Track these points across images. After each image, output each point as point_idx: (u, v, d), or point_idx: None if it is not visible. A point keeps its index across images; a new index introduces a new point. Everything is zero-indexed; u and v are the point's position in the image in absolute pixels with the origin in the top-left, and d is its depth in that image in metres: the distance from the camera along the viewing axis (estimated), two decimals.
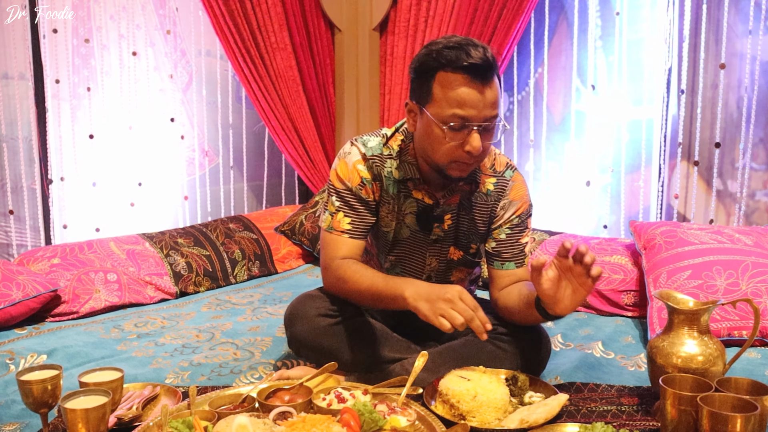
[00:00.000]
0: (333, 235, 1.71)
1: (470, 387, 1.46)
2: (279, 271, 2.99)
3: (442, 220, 1.73)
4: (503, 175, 1.74)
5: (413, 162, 1.70)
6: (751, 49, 2.53)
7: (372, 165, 1.70)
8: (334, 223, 1.71)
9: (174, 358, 1.94)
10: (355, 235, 1.70)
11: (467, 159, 1.57)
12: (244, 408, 1.43)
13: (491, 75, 1.53)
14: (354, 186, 1.70)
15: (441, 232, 1.74)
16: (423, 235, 1.75)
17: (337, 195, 1.72)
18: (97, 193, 3.03)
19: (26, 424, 1.51)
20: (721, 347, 1.50)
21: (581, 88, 2.95)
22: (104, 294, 2.40)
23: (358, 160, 1.71)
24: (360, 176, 1.70)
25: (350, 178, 1.70)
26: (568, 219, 3.01)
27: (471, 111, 1.52)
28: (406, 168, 1.70)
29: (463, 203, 1.73)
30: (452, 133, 1.54)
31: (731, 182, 2.64)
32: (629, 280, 2.32)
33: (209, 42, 3.28)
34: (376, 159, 1.71)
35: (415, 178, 1.70)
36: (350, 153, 1.72)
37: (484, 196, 1.74)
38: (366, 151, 1.71)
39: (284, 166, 3.61)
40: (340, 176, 1.72)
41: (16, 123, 2.80)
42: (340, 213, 1.71)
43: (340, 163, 1.73)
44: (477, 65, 1.50)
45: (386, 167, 1.71)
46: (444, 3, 3.06)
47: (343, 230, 1.70)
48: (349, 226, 1.70)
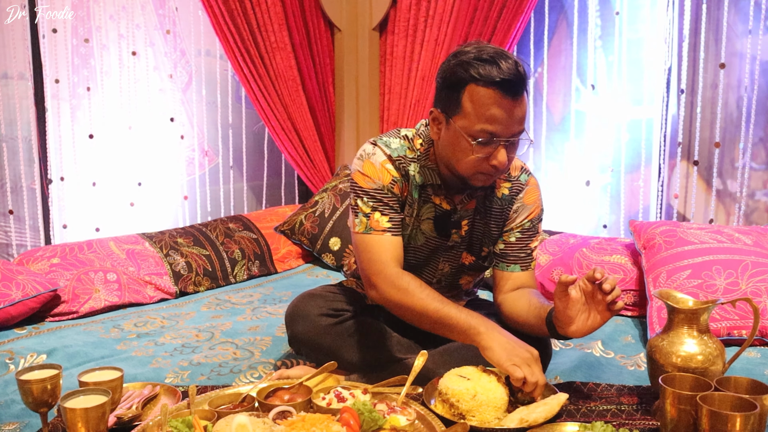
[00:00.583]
0: (374, 236, 1.62)
1: (470, 386, 1.46)
2: (279, 270, 2.99)
3: (460, 226, 1.71)
4: (518, 179, 1.74)
5: (434, 167, 1.67)
6: (751, 49, 2.53)
7: (399, 165, 1.66)
8: (372, 223, 1.62)
9: (174, 358, 1.94)
10: (396, 232, 1.64)
11: (492, 171, 1.56)
12: (244, 407, 1.43)
13: (522, 90, 1.51)
14: (386, 183, 1.64)
15: (458, 237, 1.73)
16: (440, 241, 1.72)
17: (368, 195, 1.64)
18: (96, 193, 3.03)
19: (26, 423, 1.51)
20: (720, 346, 1.50)
21: (581, 87, 2.95)
22: (104, 294, 2.40)
23: (384, 160, 1.65)
24: (390, 175, 1.64)
25: (381, 177, 1.64)
26: (568, 218, 3.01)
27: (499, 127, 1.50)
28: (426, 173, 1.67)
29: (479, 208, 1.72)
30: (479, 147, 1.52)
31: (731, 182, 2.64)
32: (629, 279, 2.32)
33: (209, 42, 3.28)
34: (402, 160, 1.66)
35: (435, 184, 1.67)
36: (375, 154, 1.66)
37: (499, 200, 1.73)
38: (391, 152, 1.66)
39: (284, 165, 3.61)
40: (368, 175, 1.64)
41: (15, 123, 2.80)
42: (376, 212, 1.63)
43: (365, 164, 1.66)
44: (509, 81, 1.48)
45: (410, 170, 1.67)
46: (444, 3, 3.06)
47: (384, 229, 1.62)
48: (389, 224, 1.63)
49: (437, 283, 1.79)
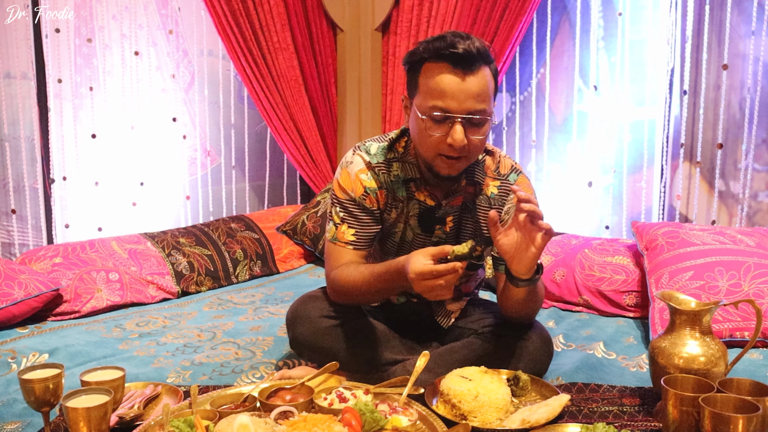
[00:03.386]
0: (337, 246, 1.70)
1: (472, 387, 1.46)
2: (281, 270, 2.99)
3: (444, 222, 1.72)
4: (507, 179, 1.73)
5: (414, 162, 1.68)
6: (754, 50, 2.52)
7: (378, 172, 1.68)
8: (339, 234, 1.70)
9: (175, 358, 1.94)
10: (360, 246, 1.69)
11: (452, 153, 1.53)
12: (246, 407, 1.43)
13: (475, 65, 1.49)
14: (357, 196, 1.68)
15: (443, 234, 1.73)
16: (425, 236, 1.74)
17: (340, 206, 1.70)
18: (99, 193, 3.03)
19: (28, 422, 1.51)
20: (723, 348, 1.50)
21: (583, 88, 2.95)
22: (106, 293, 2.40)
23: (361, 170, 1.68)
24: (363, 186, 1.68)
25: (353, 189, 1.68)
26: (570, 219, 3.00)
27: (452, 102, 1.49)
28: (407, 168, 1.69)
29: (467, 205, 1.72)
30: (434, 125, 1.52)
31: (733, 183, 2.63)
32: (631, 280, 2.31)
33: (211, 42, 3.28)
34: (381, 166, 1.68)
35: (415, 178, 1.68)
36: (353, 162, 1.70)
37: (488, 199, 1.72)
38: (370, 159, 1.69)
39: (286, 166, 3.61)
40: (343, 187, 1.70)
41: (18, 122, 2.80)
42: (344, 224, 1.69)
43: (342, 172, 1.71)
44: (458, 54, 1.47)
45: (392, 171, 1.69)
46: (446, 3, 3.06)
47: (347, 242, 1.69)
48: (353, 237, 1.69)
49: None
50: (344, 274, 1.66)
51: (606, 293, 2.33)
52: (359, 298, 1.69)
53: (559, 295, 2.42)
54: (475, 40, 1.51)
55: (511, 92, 3.15)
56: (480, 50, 1.50)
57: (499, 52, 2.91)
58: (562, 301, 2.42)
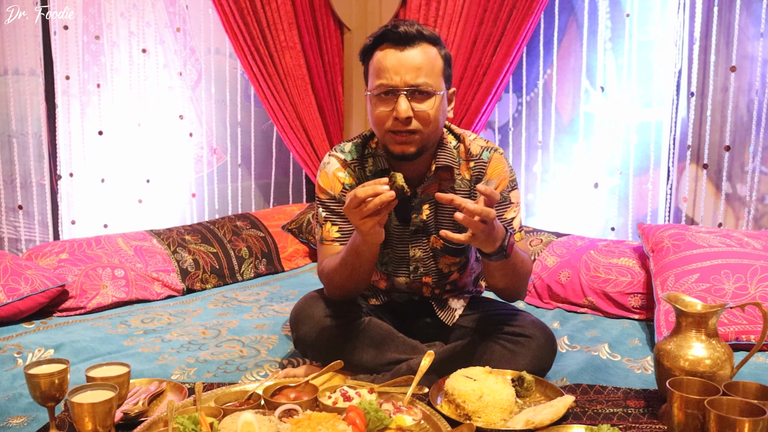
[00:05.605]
0: (325, 245, 1.75)
1: (476, 387, 1.46)
2: (286, 269, 2.99)
3: (420, 210, 1.73)
4: (480, 158, 1.72)
5: (383, 154, 1.71)
6: (763, 52, 2.51)
7: (354, 169, 1.73)
8: (324, 233, 1.75)
9: (180, 355, 1.94)
10: (345, 242, 1.72)
11: (399, 126, 1.57)
12: (250, 405, 1.43)
13: (414, 41, 1.56)
14: (337, 194, 1.73)
15: (420, 222, 1.74)
16: (403, 227, 1.75)
17: (323, 206, 1.76)
18: (105, 190, 3.04)
19: (33, 417, 1.52)
20: (728, 351, 1.50)
21: (590, 89, 2.94)
22: (111, 290, 2.40)
23: (337, 168, 1.74)
24: (341, 182, 1.73)
25: (332, 187, 1.73)
26: (576, 221, 3.00)
27: (393, 77, 1.56)
28: (378, 161, 1.72)
29: (445, 191, 1.71)
30: (380, 102, 1.58)
31: (740, 186, 2.62)
32: (636, 282, 2.31)
33: (219, 40, 3.29)
34: (356, 162, 1.73)
35: (386, 169, 1.71)
36: (329, 163, 1.76)
37: (466, 182, 1.73)
38: (345, 157, 1.74)
39: (292, 164, 3.61)
40: (322, 187, 1.75)
41: (26, 119, 2.82)
42: (328, 223, 1.75)
43: (321, 174, 1.77)
44: (397, 33, 1.55)
45: (367, 167, 1.73)
46: (454, 3, 3.05)
47: (333, 239, 1.74)
48: (338, 234, 1.74)
49: (414, 270, 1.79)
50: (327, 264, 1.70)
51: (611, 295, 2.32)
52: (344, 282, 1.68)
53: (564, 297, 2.42)
54: (416, 23, 1.58)
55: (517, 93, 3.15)
56: (422, 31, 1.57)
57: (506, 52, 2.90)
58: (567, 302, 2.42)
